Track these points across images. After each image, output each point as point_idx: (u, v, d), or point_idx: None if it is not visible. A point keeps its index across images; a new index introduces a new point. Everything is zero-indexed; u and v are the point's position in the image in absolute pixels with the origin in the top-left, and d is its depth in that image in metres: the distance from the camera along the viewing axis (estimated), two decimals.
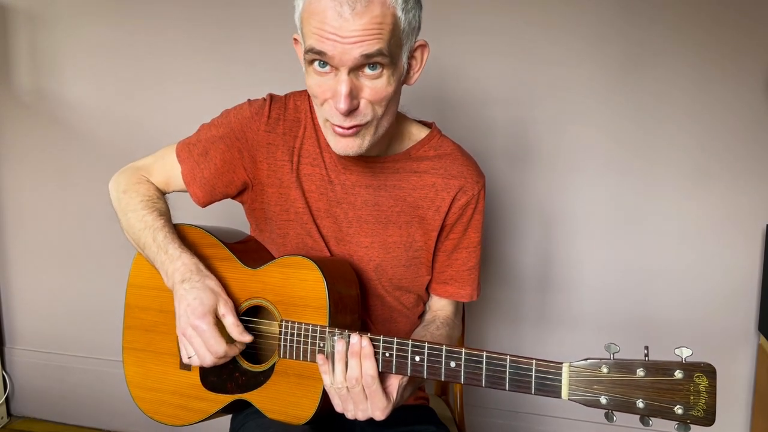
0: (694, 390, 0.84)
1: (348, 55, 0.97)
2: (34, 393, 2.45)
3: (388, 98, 1.05)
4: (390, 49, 1.00)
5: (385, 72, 1.02)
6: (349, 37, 0.96)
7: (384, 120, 1.08)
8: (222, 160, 1.22)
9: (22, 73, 2.25)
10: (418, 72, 1.12)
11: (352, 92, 1.00)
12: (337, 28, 0.96)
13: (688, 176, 1.85)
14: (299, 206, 1.21)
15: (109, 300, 2.21)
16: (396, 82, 1.05)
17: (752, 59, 1.75)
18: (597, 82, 1.85)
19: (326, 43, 0.97)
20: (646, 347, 0.87)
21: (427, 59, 1.11)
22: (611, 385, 0.88)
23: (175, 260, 1.12)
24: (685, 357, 0.84)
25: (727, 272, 1.86)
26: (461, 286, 1.28)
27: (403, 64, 1.06)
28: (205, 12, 2.07)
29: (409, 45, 1.06)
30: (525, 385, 0.93)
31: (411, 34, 1.05)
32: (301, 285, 1.12)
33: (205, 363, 1.08)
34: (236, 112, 1.23)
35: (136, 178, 1.28)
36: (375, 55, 0.98)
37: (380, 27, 0.97)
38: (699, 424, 0.84)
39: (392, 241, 1.22)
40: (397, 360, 1.02)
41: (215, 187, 1.24)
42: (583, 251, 1.95)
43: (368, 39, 0.97)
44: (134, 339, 1.28)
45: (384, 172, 1.20)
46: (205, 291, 1.09)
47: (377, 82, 1.02)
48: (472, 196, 1.21)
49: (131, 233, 1.22)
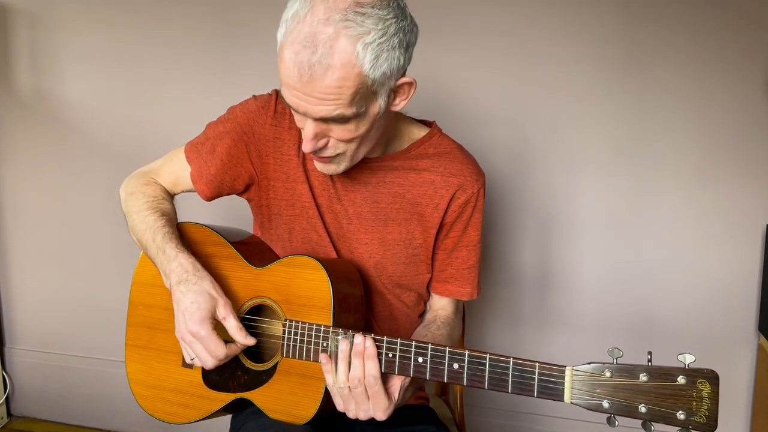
0: (696, 396, 0.84)
1: (310, 113, 0.98)
2: (34, 393, 2.45)
3: (360, 136, 1.04)
4: (355, 108, 0.98)
5: (353, 121, 1.01)
6: (309, 96, 0.95)
7: (360, 151, 1.09)
8: (228, 154, 1.22)
9: (22, 73, 2.25)
10: (404, 101, 1.07)
11: (317, 135, 1.01)
12: (298, 86, 0.95)
13: (688, 177, 1.85)
14: (306, 200, 1.21)
15: (109, 300, 2.21)
16: (369, 122, 1.03)
17: (752, 60, 1.75)
18: (597, 82, 1.85)
19: (289, 96, 0.98)
20: (650, 352, 0.88)
21: (414, 93, 1.07)
22: (614, 390, 0.88)
23: (172, 260, 1.12)
24: (689, 363, 0.84)
25: (727, 272, 1.86)
26: (461, 285, 1.28)
27: (379, 105, 1.02)
28: (206, 12, 2.07)
29: (388, 87, 1.01)
30: (528, 388, 0.93)
31: (389, 79, 1.00)
32: (305, 285, 1.12)
33: (207, 366, 1.08)
34: (242, 107, 1.23)
35: (144, 180, 1.28)
36: (336, 118, 0.98)
37: (340, 91, 0.94)
38: (701, 430, 0.84)
39: (391, 238, 1.22)
40: (401, 361, 1.03)
41: (222, 181, 1.24)
42: (583, 251, 1.96)
43: (328, 102, 0.95)
44: (137, 336, 1.28)
45: (383, 170, 1.21)
46: (202, 294, 1.07)
47: (346, 126, 1.01)
48: (472, 194, 1.21)
49: (136, 234, 1.22)
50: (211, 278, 1.11)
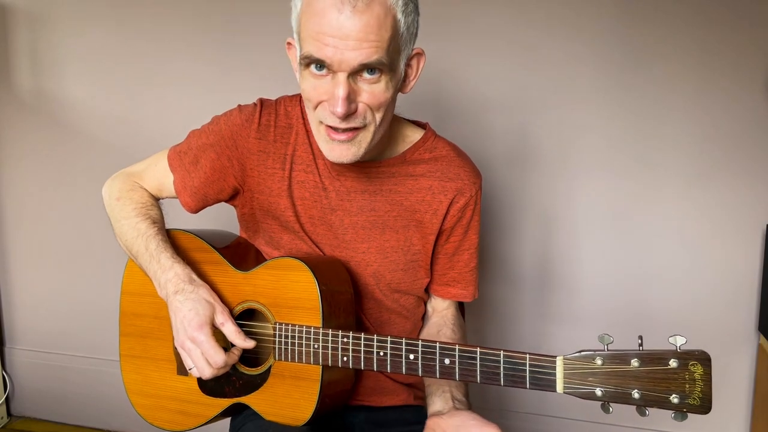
0: (689, 378, 0.84)
1: (346, 63, 0.97)
2: (34, 393, 2.45)
3: (386, 103, 1.04)
4: (389, 55, 0.99)
5: (384, 77, 1.01)
6: (349, 39, 0.95)
7: (381, 127, 1.07)
8: (212, 168, 1.21)
9: (22, 73, 2.26)
10: (413, 80, 1.11)
11: (349, 96, 0.99)
12: (337, 29, 0.95)
13: (687, 177, 1.84)
14: (289, 215, 1.20)
15: (109, 300, 2.18)
16: (393, 87, 1.04)
17: (752, 60, 1.75)
18: (596, 82, 1.85)
19: (326, 48, 0.96)
20: (640, 337, 0.87)
21: (423, 68, 1.11)
22: (606, 377, 0.88)
23: (168, 270, 1.12)
24: (680, 345, 0.84)
25: (727, 272, 1.86)
26: (464, 287, 1.28)
27: (400, 71, 1.05)
28: (206, 12, 2.07)
29: (407, 52, 1.05)
30: (520, 380, 0.93)
31: (409, 41, 1.04)
32: (292, 287, 1.12)
33: (204, 375, 1.08)
34: (226, 118, 1.21)
35: (129, 184, 1.27)
36: (374, 64, 0.97)
37: (380, 32, 0.96)
38: (695, 412, 0.84)
39: (389, 246, 1.21)
40: (392, 359, 1.02)
41: (206, 195, 1.23)
42: (583, 252, 1.95)
43: (368, 43, 0.95)
44: (131, 346, 1.29)
45: (380, 177, 1.19)
46: (200, 302, 1.08)
47: (375, 87, 1.01)
48: (470, 197, 1.20)
49: (124, 241, 1.22)
50: (207, 287, 1.12)
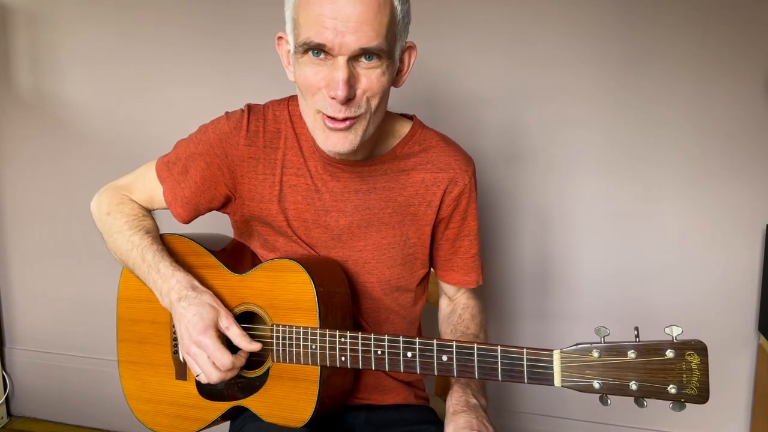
0: (686, 368, 0.84)
1: (346, 47, 0.97)
2: (34, 393, 2.45)
3: (382, 91, 1.05)
4: (387, 42, 1.00)
5: (382, 63, 1.02)
6: (349, 21, 0.96)
7: (376, 116, 1.07)
8: (202, 177, 1.21)
9: (22, 73, 2.27)
10: (406, 74, 1.12)
11: (349, 80, 1.00)
12: (337, 12, 0.96)
13: (687, 176, 1.84)
14: (281, 220, 1.20)
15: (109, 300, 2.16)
16: (390, 75, 1.05)
17: (752, 60, 1.75)
18: (595, 82, 1.85)
19: (326, 32, 0.97)
20: (636, 328, 0.88)
21: (414, 63, 1.12)
22: (603, 369, 0.88)
23: (169, 279, 1.12)
24: (676, 335, 0.84)
25: (727, 272, 1.85)
26: (467, 273, 1.29)
27: (397, 60, 1.07)
28: (207, 11, 2.07)
29: (402, 42, 1.06)
30: (517, 375, 0.93)
31: (404, 30, 1.06)
32: (288, 288, 1.12)
33: (212, 379, 1.08)
34: (214, 126, 1.21)
35: (118, 198, 1.27)
36: (373, 49, 0.98)
37: (379, 15, 0.97)
38: (693, 401, 0.84)
39: (386, 242, 1.21)
40: (390, 357, 1.02)
41: (198, 204, 1.24)
42: (583, 252, 1.95)
43: (367, 27, 0.97)
44: (129, 352, 1.29)
45: (372, 175, 1.19)
46: (204, 306, 1.08)
47: (373, 73, 1.02)
48: (464, 185, 1.21)
49: (119, 255, 1.22)
50: (210, 292, 1.12)
